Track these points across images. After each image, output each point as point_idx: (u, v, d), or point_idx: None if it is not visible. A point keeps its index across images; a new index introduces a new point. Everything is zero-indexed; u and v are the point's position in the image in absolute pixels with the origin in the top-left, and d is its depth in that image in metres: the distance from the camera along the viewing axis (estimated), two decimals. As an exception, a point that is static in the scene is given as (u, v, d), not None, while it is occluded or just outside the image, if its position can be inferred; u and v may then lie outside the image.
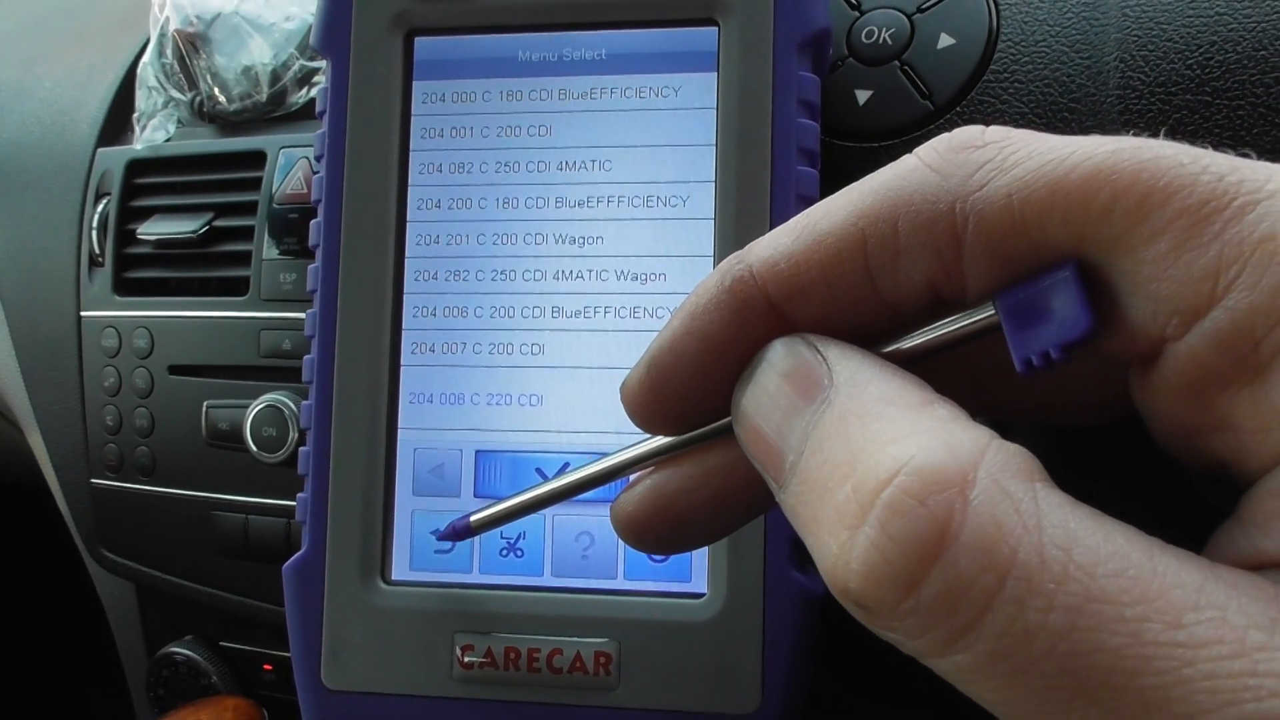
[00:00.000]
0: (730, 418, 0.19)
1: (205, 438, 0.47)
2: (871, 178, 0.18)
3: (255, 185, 0.48)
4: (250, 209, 0.48)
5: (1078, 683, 0.13)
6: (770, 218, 0.31)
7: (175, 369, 0.48)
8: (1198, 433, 0.16)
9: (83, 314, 0.51)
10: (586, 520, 0.32)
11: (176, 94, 0.51)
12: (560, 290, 0.33)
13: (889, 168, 0.18)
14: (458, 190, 0.34)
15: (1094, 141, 0.16)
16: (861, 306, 0.18)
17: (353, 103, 0.34)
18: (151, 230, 0.49)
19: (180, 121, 0.52)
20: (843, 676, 0.36)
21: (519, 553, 0.32)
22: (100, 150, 0.53)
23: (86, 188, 0.52)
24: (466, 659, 0.31)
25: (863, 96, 0.36)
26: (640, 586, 0.32)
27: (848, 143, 0.36)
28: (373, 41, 0.34)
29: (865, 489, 0.15)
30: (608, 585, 0.32)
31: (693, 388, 0.20)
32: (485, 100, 0.34)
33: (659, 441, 0.21)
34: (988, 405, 0.20)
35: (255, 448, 0.45)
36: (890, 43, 0.36)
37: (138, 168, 0.51)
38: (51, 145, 0.55)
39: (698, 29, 0.33)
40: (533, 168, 0.33)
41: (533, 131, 0.34)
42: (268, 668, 0.50)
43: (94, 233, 0.51)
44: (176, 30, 0.50)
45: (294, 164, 0.47)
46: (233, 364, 0.47)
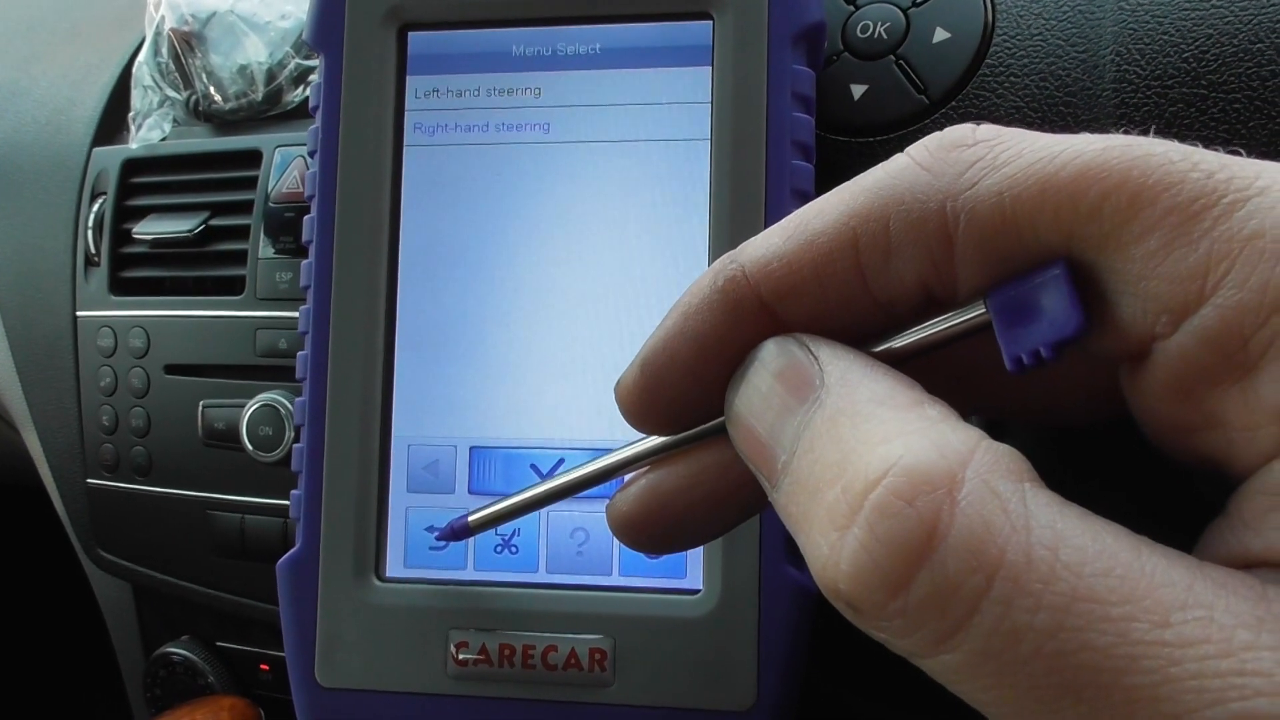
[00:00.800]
0: (723, 417, 0.19)
1: (201, 437, 0.47)
2: (863, 177, 0.18)
3: (251, 184, 0.48)
4: (246, 208, 0.48)
5: (1065, 682, 0.13)
6: (765, 212, 0.31)
7: (171, 368, 0.48)
8: (1187, 431, 0.16)
9: (78, 314, 0.51)
10: (581, 516, 0.32)
11: (172, 93, 0.51)
12: (554, 286, 0.33)
13: (880, 167, 0.18)
14: (451, 185, 0.34)
15: (1084, 139, 0.16)
16: (853, 306, 0.18)
17: (346, 98, 0.34)
18: (147, 229, 0.49)
19: (176, 120, 0.52)
20: (837, 672, 0.36)
21: (514, 549, 0.32)
22: (96, 149, 0.53)
23: (82, 187, 0.52)
24: (461, 656, 0.31)
25: (858, 91, 0.36)
26: (635, 583, 0.32)
27: (843, 138, 0.36)
28: (366, 36, 0.34)
29: (855, 490, 0.15)
30: (603, 581, 0.32)
31: (686, 387, 0.20)
32: (479, 95, 0.34)
33: (654, 441, 0.21)
34: (980, 405, 0.20)
35: (251, 447, 0.45)
36: (885, 37, 0.36)
37: (133, 167, 0.51)
38: (47, 144, 0.55)
39: (692, 23, 0.33)
40: (526, 162, 0.33)
41: (526, 126, 0.34)
42: (264, 667, 0.50)
43: (89, 232, 0.51)
44: (172, 29, 0.50)
45: (289, 163, 0.47)
46: (229, 363, 0.47)
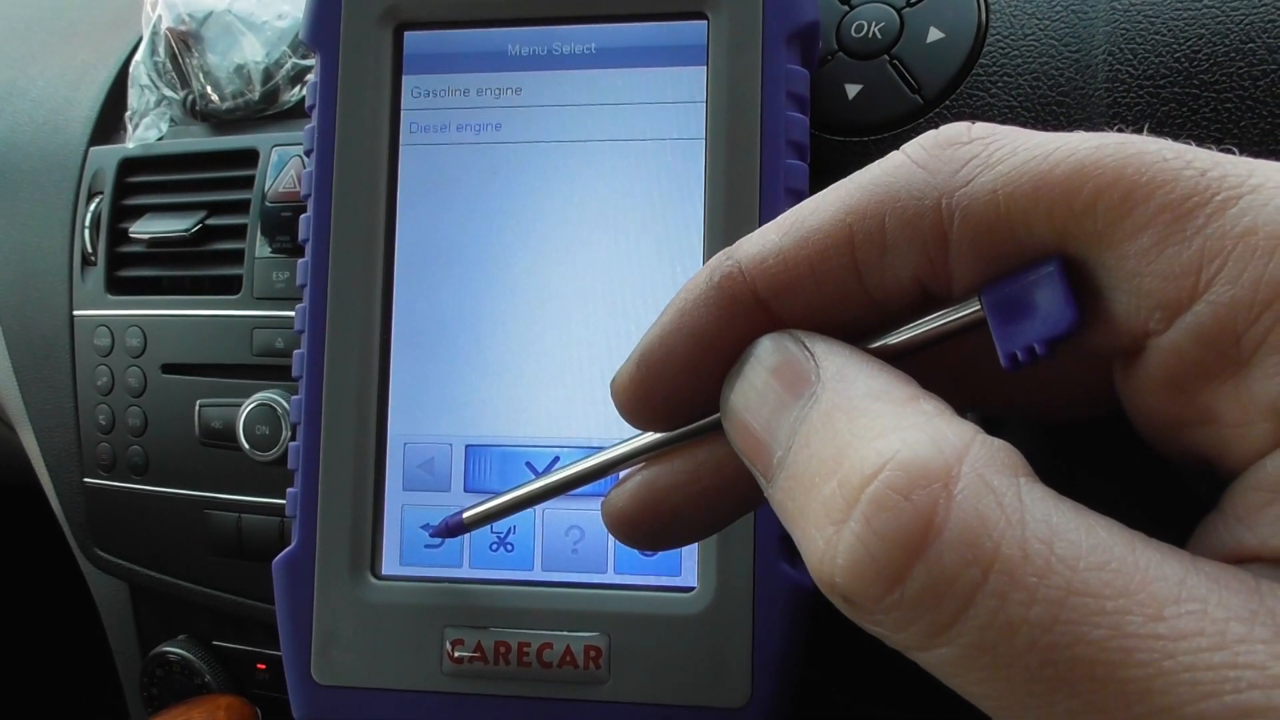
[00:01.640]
0: (719, 414, 0.19)
1: (198, 436, 0.47)
2: (859, 174, 0.18)
3: (248, 184, 0.48)
4: (243, 207, 0.48)
5: (1060, 675, 0.14)
6: (759, 211, 0.31)
7: (168, 368, 0.48)
8: (1181, 427, 0.16)
9: (75, 313, 0.51)
10: (576, 514, 0.32)
11: (169, 92, 0.51)
12: (550, 284, 0.33)
13: (876, 164, 0.18)
14: (447, 184, 0.34)
15: (1078, 138, 0.16)
16: (849, 302, 0.18)
17: (342, 97, 0.34)
18: (144, 229, 0.49)
19: (173, 120, 0.52)
20: (832, 670, 0.37)
21: (509, 547, 0.32)
22: (93, 149, 0.53)
23: (79, 186, 0.52)
24: (457, 653, 0.31)
25: (852, 91, 0.36)
26: (630, 580, 0.32)
27: (837, 137, 0.36)
28: (362, 35, 0.34)
29: (851, 484, 0.15)
30: (598, 579, 0.32)
31: (682, 384, 0.20)
32: (474, 94, 0.34)
33: (649, 437, 0.21)
34: (974, 401, 0.20)
35: (248, 446, 0.45)
36: (879, 37, 0.36)
37: (130, 166, 0.51)
38: (44, 144, 0.55)
39: (687, 23, 0.33)
40: (522, 161, 0.33)
41: (522, 125, 0.34)
42: (261, 666, 0.50)
43: (86, 231, 0.51)
44: (169, 29, 0.50)
45: (286, 162, 0.47)
46: (225, 363, 0.47)
